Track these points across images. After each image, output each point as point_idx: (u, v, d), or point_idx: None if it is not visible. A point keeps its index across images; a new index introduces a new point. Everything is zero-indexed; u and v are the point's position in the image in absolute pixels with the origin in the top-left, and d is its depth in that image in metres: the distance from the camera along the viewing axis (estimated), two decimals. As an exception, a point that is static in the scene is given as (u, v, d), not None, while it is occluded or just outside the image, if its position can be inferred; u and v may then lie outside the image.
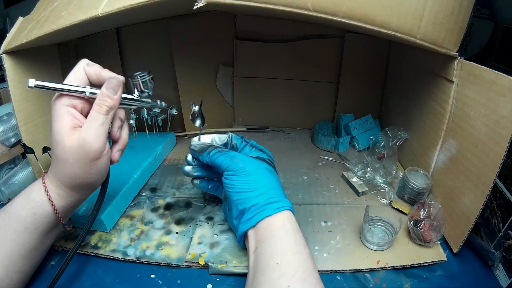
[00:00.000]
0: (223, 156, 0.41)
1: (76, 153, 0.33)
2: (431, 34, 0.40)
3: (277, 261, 0.33)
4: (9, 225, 0.35)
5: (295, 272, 0.32)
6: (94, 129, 0.34)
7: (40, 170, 0.52)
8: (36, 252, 0.38)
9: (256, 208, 0.37)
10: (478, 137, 0.40)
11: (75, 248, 0.38)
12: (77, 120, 0.34)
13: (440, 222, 0.43)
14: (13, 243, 0.35)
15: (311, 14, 0.36)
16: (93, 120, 0.34)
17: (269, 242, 0.35)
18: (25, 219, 0.35)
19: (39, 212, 0.36)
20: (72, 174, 0.35)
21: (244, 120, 0.78)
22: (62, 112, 0.34)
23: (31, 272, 0.39)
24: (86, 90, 0.34)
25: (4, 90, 0.74)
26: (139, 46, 0.69)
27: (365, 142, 0.68)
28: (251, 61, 0.71)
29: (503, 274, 0.40)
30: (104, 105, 0.34)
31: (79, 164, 0.34)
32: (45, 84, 0.33)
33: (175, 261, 0.43)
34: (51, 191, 0.36)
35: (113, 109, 0.35)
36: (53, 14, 0.43)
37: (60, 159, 0.34)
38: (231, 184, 0.40)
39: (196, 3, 0.34)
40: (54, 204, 0.36)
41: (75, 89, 0.34)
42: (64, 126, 0.33)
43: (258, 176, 0.40)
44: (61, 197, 0.36)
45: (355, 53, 0.68)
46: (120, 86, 0.36)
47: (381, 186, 0.55)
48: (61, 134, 0.33)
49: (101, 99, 0.34)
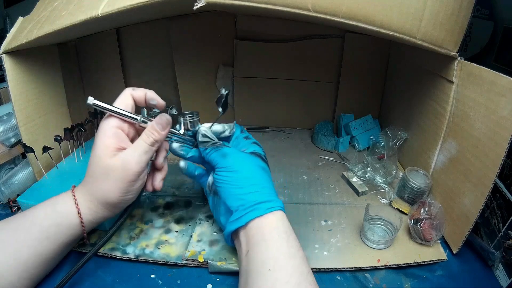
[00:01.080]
0: (215, 154, 0.41)
1: (117, 172, 0.36)
2: (431, 35, 0.40)
3: (270, 267, 0.32)
4: (30, 233, 0.36)
5: (289, 278, 0.31)
6: (138, 154, 0.37)
7: (40, 170, 0.52)
8: (52, 260, 0.38)
9: (245, 208, 0.36)
10: (478, 138, 0.40)
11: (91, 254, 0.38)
12: (122, 142, 0.37)
13: (441, 221, 0.43)
14: (31, 250, 0.35)
15: (311, 14, 0.36)
16: (139, 147, 0.37)
17: (260, 246, 0.34)
18: (48, 229, 0.36)
19: (64, 224, 0.37)
20: (108, 191, 0.36)
21: (244, 120, 0.78)
22: (111, 133, 0.37)
23: (41, 279, 0.39)
24: (139, 119, 0.38)
25: (4, 90, 0.74)
26: (139, 46, 0.69)
27: (365, 142, 0.69)
28: (251, 61, 0.71)
29: (503, 274, 0.40)
30: (152, 137, 0.38)
31: (117, 182, 0.36)
32: (102, 104, 0.36)
33: (174, 260, 0.43)
34: (81, 204, 0.37)
35: (159, 143, 0.39)
36: (53, 14, 0.43)
37: (100, 175, 0.36)
38: (220, 180, 0.39)
39: (196, 3, 0.34)
40: (82, 218, 0.37)
41: (129, 115, 0.38)
42: (110, 145, 0.36)
43: (249, 174, 0.39)
44: (90, 211, 0.37)
45: (355, 53, 0.68)
46: (169, 124, 0.39)
47: (381, 186, 0.55)
48: (105, 152, 0.36)
49: (151, 131, 0.38)
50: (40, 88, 0.52)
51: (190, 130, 0.43)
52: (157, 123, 0.38)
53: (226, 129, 0.45)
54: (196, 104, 0.73)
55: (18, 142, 0.58)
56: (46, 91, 0.53)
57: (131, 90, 0.39)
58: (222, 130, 0.44)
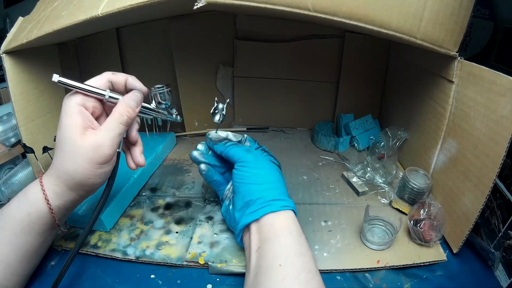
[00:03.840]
0: (237, 148, 0.43)
1: (87, 153, 0.34)
2: (431, 34, 0.40)
3: (280, 263, 0.33)
4: (5, 227, 0.35)
5: (298, 274, 0.32)
6: (111, 136, 0.35)
7: (40, 170, 0.52)
8: (34, 254, 0.37)
9: (262, 202, 0.38)
10: (478, 137, 0.40)
11: (76, 249, 0.37)
12: (89, 121, 0.35)
13: (440, 222, 0.43)
14: (10, 245, 0.35)
15: (311, 14, 0.36)
16: (112, 128, 0.36)
17: (273, 242, 0.35)
18: (21, 221, 0.35)
19: (33, 212, 0.35)
20: (74, 172, 0.35)
21: (244, 120, 0.78)
22: (74, 110, 0.35)
23: (29, 274, 0.38)
24: (106, 94, 0.36)
25: (4, 90, 0.74)
26: (139, 46, 0.69)
27: (365, 142, 0.68)
28: (251, 61, 0.71)
29: (503, 274, 0.40)
30: (126, 115, 0.36)
31: (86, 163, 0.35)
32: (67, 81, 0.34)
33: (175, 261, 0.43)
34: (48, 190, 0.35)
35: (132, 120, 0.38)
36: (53, 14, 0.43)
37: (67, 155, 0.35)
38: (241, 175, 0.41)
39: (196, 3, 0.34)
40: (50, 204, 0.35)
41: (96, 90, 0.35)
42: (76, 124, 0.34)
43: (268, 172, 0.41)
44: (57, 196, 0.36)
45: (355, 53, 0.68)
46: (142, 99, 0.38)
47: (381, 186, 0.55)
48: (72, 131, 0.34)
49: (124, 108, 0.36)
50: (40, 88, 0.52)
51: (162, 103, 0.42)
52: (132, 99, 0.37)
53: (230, 136, 0.46)
54: (196, 104, 0.73)
55: (18, 142, 0.58)
56: (46, 91, 0.53)
57: (110, 74, 0.37)
58: (225, 136, 0.46)
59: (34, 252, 0.37)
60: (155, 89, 0.41)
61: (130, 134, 0.39)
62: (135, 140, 0.40)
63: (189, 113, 0.74)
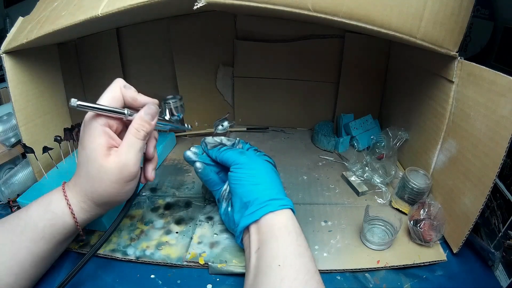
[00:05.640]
0: (231, 151, 0.43)
1: (114, 174, 0.35)
2: (431, 34, 0.40)
3: (279, 263, 0.33)
4: (24, 234, 0.35)
5: (296, 275, 0.32)
6: (133, 154, 0.35)
7: (40, 170, 0.52)
8: (48, 259, 0.38)
9: (260, 203, 0.38)
10: (478, 137, 0.40)
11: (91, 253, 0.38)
12: (112, 140, 0.35)
13: (440, 222, 0.43)
14: (27, 251, 0.35)
15: (311, 14, 0.36)
16: (132, 145, 0.35)
17: (271, 243, 0.35)
18: (43, 229, 0.35)
19: (58, 224, 0.36)
20: (103, 192, 0.35)
21: (244, 120, 0.78)
22: (98, 132, 0.34)
23: (39, 278, 0.39)
24: (126, 112, 0.36)
25: (4, 90, 0.74)
26: (139, 46, 0.69)
27: (365, 142, 0.68)
28: (251, 61, 0.71)
29: (503, 274, 0.40)
30: (142, 130, 0.36)
31: (114, 184, 0.35)
32: (87, 104, 0.34)
33: (175, 261, 0.43)
34: (74, 205, 0.36)
35: (150, 134, 0.38)
36: (53, 14, 0.43)
37: (94, 177, 0.35)
38: (237, 176, 0.41)
39: (196, 3, 0.34)
40: (76, 218, 0.36)
41: (116, 110, 0.35)
42: (101, 145, 0.34)
43: (263, 172, 0.41)
44: (83, 211, 0.37)
45: (355, 53, 0.68)
46: (157, 112, 0.38)
47: (378, 186, 0.55)
48: (98, 153, 0.34)
49: (140, 124, 0.36)
50: (40, 88, 0.52)
51: (175, 115, 0.43)
52: (147, 114, 0.37)
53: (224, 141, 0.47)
54: (196, 104, 0.73)
55: (18, 142, 0.58)
56: (46, 91, 0.53)
57: (122, 85, 0.37)
58: (220, 141, 0.47)
59: (50, 258, 0.38)
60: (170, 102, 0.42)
61: (148, 151, 0.39)
62: (152, 157, 0.40)
63: (189, 113, 0.73)
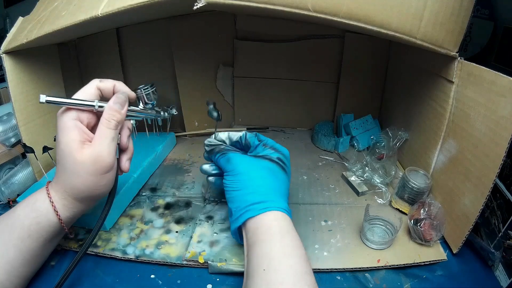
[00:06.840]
0: (222, 159, 0.43)
1: (89, 167, 0.35)
2: (431, 34, 0.40)
3: (264, 268, 0.32)
4: (13, 232, 0.35)
5: (283, 279, 0.31)
6: (106, 144, 0.35)
7: (40, 170, 0.52)
8: (38, 257, 0.38)
9: (240, 209, 0.38)
10: (478, 138, 0.40)
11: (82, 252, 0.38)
12: (85, 134, 0.35)
13: (441, 221, 0.43)
14: (16, 249, 0.35)
15: (311, 14, 0.36)
16: (104, 136, 0.35)
17: (255, 247, 0.35)
18: (29, 227, 0.35)
19: (43, 222, 0.36)
20: (81, 186, 0.35)
21: (244, 120, 0.78)
22: (70, 126, 0.35)
23: (31, 276, 0.39)
24: (95, 104, 0.36)
25: (4, 90, 0.74)
26: (139, 46, 0.69)
27: (365, 142, 0.69)
28: (251, 61, 0.71)
29: (503, 274, 0.40)
30: (113, 120, 0.36)
31: (90, 177, 0.35)
32: (55, 99, 0.34)
33: (174, 260, 0.43)
34: (56, 202, 0.36)
35: (121, 123, 0.37)
36: (53, 14, 0.43)
37: (70, 171, 0.35)
38: (225, 183, 0.41)
39: (196, 3, 0.34)
40: (60, 215, 0.36)
41: (85, 103, 0.35)
42: (73, 140, 0.34)
43: (250, 176, 0.40)
44: (66, 208, 0.37)
45: (355, 53, 0.68)
46: (127, 100, 0.38)
47: (378, 186, 0.55)
48: (71, 147, 0.34)
49: (110, 114, 0.36)
50: (40, 88, 0.52)
51: (149, 103, 0.43)
52: (115, 103, 0.37)
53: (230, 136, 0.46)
54: (196, 104, 0.73)
55: (18, 142, 0.58)
56: (46, 91, 0.53)
57: (97, 81, 0.37)
58: (225, 139, 0.46)
59: (39, 255, 0.38)
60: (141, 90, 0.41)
61: (122, 140, 0.39)
62: (126, 147, 0.40)
63: (189, 113, 0.74)
